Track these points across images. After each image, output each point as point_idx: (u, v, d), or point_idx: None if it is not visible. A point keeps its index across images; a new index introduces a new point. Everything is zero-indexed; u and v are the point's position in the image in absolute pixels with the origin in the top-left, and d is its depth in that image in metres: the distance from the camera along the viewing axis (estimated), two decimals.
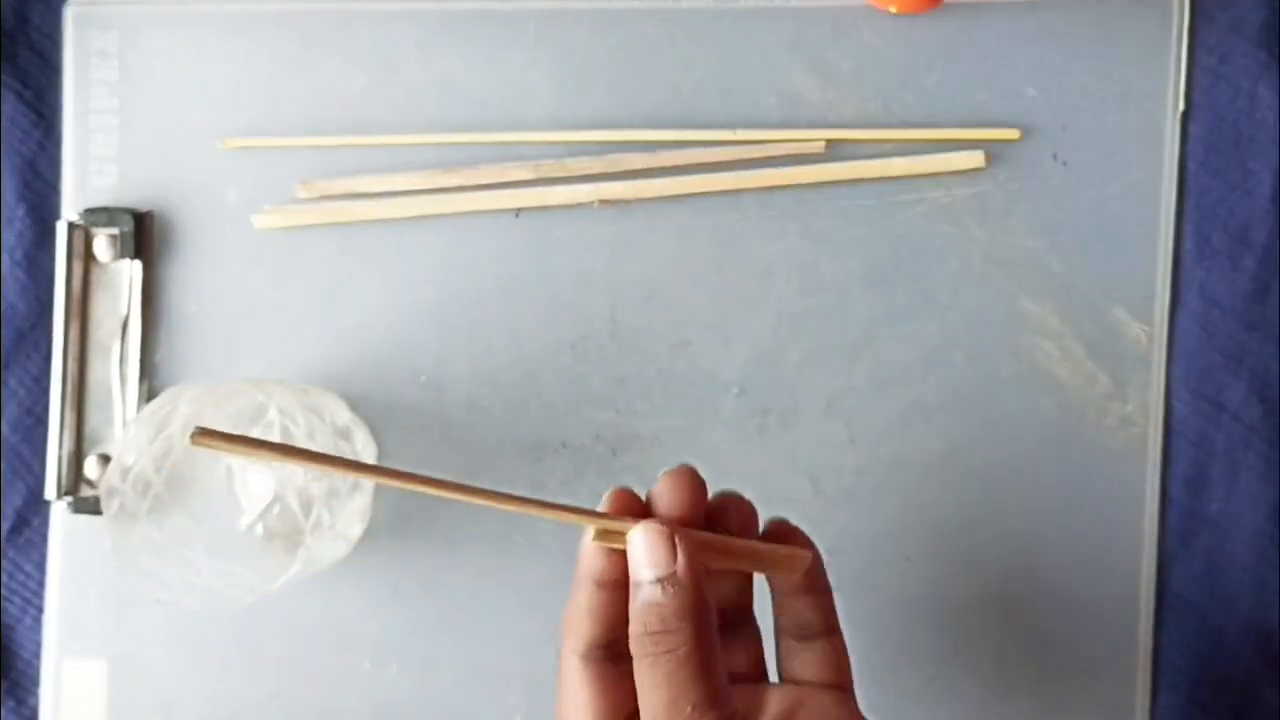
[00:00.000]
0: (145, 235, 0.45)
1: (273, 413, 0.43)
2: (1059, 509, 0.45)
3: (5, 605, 0.46)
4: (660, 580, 0.32)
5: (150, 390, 0.45)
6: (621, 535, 0.32)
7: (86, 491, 0.45)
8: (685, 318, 0.45)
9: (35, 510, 0.46)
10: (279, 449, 0.30)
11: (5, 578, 0.46)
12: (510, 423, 0.45)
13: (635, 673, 0.32)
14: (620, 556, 0.33)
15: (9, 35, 0.45)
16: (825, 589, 0.36)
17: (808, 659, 0.36)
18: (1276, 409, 0.45)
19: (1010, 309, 0.45)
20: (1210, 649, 0.45)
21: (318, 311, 0.45)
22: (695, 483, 0.34)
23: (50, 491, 0.45)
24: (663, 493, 0.33)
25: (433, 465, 0.45)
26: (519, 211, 0.45)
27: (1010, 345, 0.45)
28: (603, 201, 0.44)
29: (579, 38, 0.45)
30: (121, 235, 0.44)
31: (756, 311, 0.45)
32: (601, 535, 0.33)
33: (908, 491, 0.45)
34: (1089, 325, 0.45)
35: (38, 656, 0.46)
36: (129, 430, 0.42)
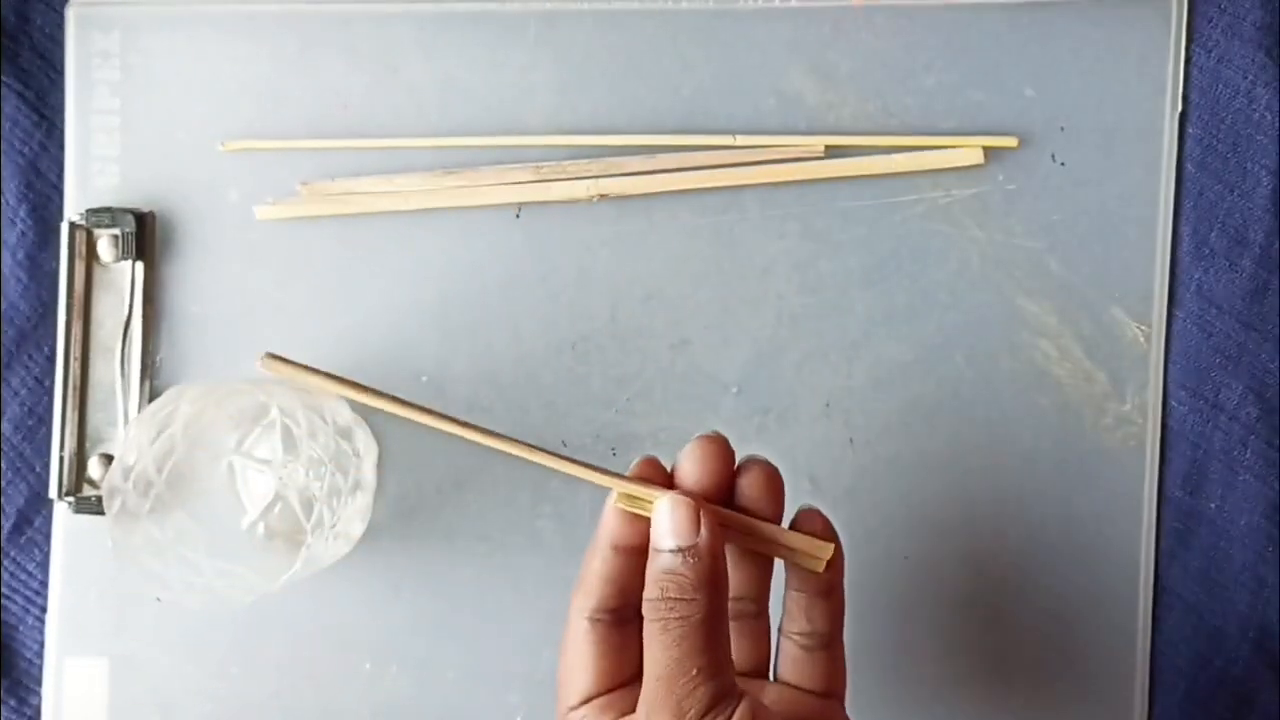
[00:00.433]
0: (147, 235, 0.45)
1: (274, 412, 0.43)
2: (1057, 508, 0.45)
3: (7, 604, 0.46)
4: (681, 550, 0.32)
5: (152, 390, 0.45)
6: (645, 502, 0.33)
7: (88, 491, 0.45)
8: (685, 318, 0.45)
9: (37, 510, 0.46)
10: (345, 382, 0.31)
11: (7, 577, 0.46)
12: (511, 422, 0.45)
13: (645, 634, 0.32)
14: (641, 523, 0.33)
15: (11, 36, 0.45)
16: (840, 596, 0.36)
17: (806, 667, 0.36)
18: (1274, 408, 0.45)
19: (1009, 309, 0.45)
20: (1208, 648, 0.45)
21: (319, 311, 0.45)
22: (723, 452, 0.34)
23: (52, 491, 0.45)
24: (690, 461, 0.34)
25: (433, 465, 0.45)
26: (519, 212, 0.45)
27: (1009, 345, 0.45)
28: (601, 196, 0.44)
29: (579, 38, 0.45)
30: (123, 235, 0.44)
31: (756, 311, 0.45)
32: (625, 500, 0.33)
33: (907, 491, 0.45)
34: (1087, 325, 0.45)
35: (39, 655, 0.46)
36: (131, 430, 0.42)
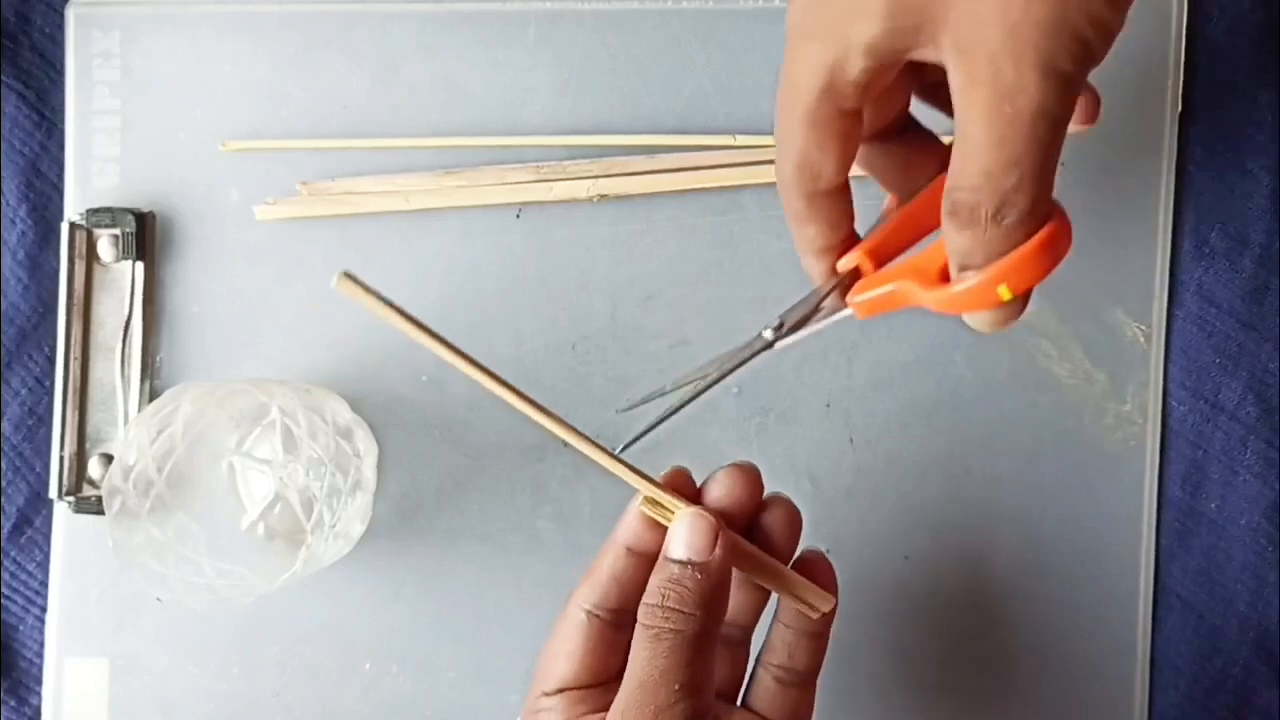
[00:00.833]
0: (147, 236, 0.45)
1: (274, 412, 0.43)
2: (1057, 508, 0.45)
3: (7, 604, 0.46)
4: (692, 564, 0.33)
5: (152, 390, 0.45)
6: (667, 511, 0.34)
7: (89, 491, 0.45)
8: (685, 318, 0.45)
9: (38, 510, 0.46)
10: (421, 326, 0.31)
11: (7, 577, 0.46)
12: (511, 422, 0.45)
13: (635, 639, 0.33)
14: (660, 531, 0.34)
15: (11, 36, 0.45)
16: (826, 640, 0.37)
17: (777, 700, 0.36)
18: (1274, 408, 0.45)
19: None
20: (1208, 647, 0.45)
21: (319, 311, 0.45)
22: (753, 483, 0.35)
23: (53, 491, 0.45)
24: (719, 486, 0.34)
25: (433, 465, 0.45)
26: (520, 212, 0.45)
27: (1009, 345, 0.45)
28: (601, 196, 0.44)
29: (579, 38, 0.45)
30: (124, 236, 0.44)
31: (757, 311, 0.45)
32: (649, 504, 0.34)
33: (907, 491, 0.45)
34: (1087, 325, 0.45)
35: (40, 656, 0.46)
36: (131, 430, 0.42)
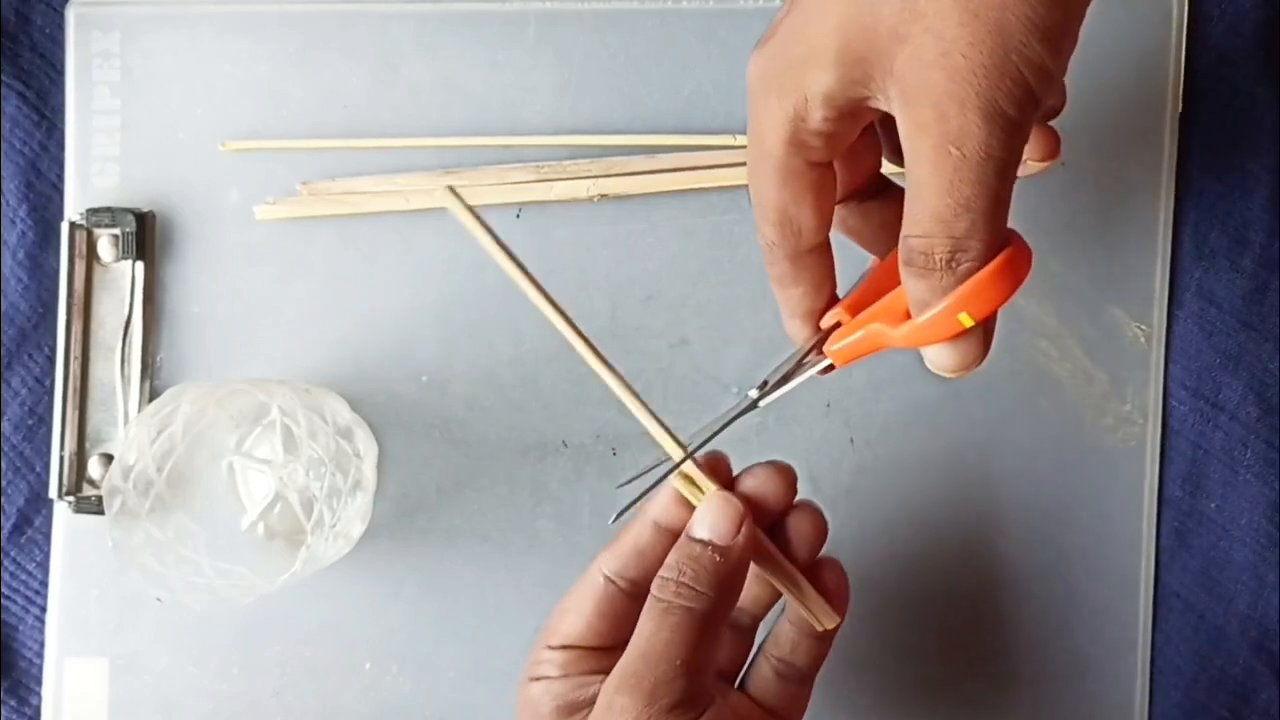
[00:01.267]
0: (147, 235, 0.45)
1: (274, 412, 0.43)
2: (1057, 508, 0.45)
3: (7, 604, 0.46)
4: (713, 545, 0.33)
5: (152, 390, 0.45)
6: (698, 490, 0.34)
7: (89, 491, 0.45)
8: (685, 318, 0.45)
9: (37, 510, 0.46)
10: (510, 257, 0.31)
11: (7, 577, 0.46)
12: (511, 422, 0.45)
13: (645, 610, 0.33)
14: (688, 509, 0.34)
15: (11, 36, 0.45)
16: (829, 645, 0.37)
17: (773, 690, 0.37)
18: (1274, 408, 0.45)
19: (1009, 308, 0.44)
20: (1208, 647, 0.45)
21: (319, 311, 0.45)
22: (788, 484, 0.35)
23: (53, 491, 0.45)
24: (755, 477, 0.35)
25: (433, 465, 0.45)
26: (520, 212, 0.45)
27: (1009, 345, 0.45)
28: (601, 196, 0.44)
29: (579, 38, 0.45)
30: (124, 235, 0.44)
31: (756, 311, 0.45)
32: (681, 480, 0.34)
33: (907, 491, 0.45)
34: (1088, 325, 0.45)
35: (40, 656, 0.46)
36: (131, 430, 0.42)
